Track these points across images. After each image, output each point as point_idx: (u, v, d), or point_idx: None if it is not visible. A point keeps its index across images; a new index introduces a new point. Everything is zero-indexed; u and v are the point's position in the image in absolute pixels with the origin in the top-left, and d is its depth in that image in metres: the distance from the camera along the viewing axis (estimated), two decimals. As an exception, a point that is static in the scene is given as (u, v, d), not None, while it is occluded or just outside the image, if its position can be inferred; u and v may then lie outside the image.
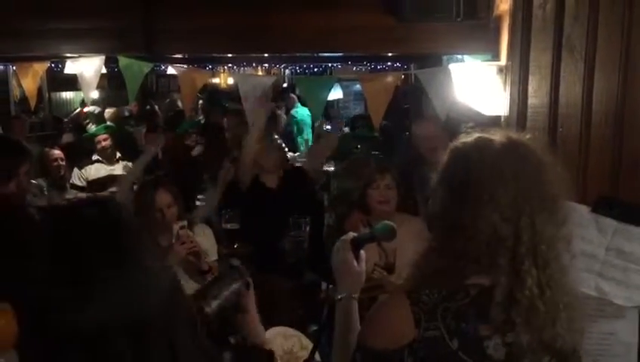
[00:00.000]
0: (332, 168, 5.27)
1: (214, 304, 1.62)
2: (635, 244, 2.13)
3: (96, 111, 7.26)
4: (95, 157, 5.24)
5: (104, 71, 4.08)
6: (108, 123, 6.05)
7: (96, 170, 5.18)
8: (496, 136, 1.39)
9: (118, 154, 5.36)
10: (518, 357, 1.31)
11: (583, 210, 2.17)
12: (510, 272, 1.30)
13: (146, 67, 4.02)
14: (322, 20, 3.29)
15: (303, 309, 3.11)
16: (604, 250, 2.16)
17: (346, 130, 6.78)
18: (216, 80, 11.02)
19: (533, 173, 1.33)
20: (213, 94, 8.27)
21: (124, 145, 5.62)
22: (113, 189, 4.93)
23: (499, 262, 1.30)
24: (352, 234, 1.72)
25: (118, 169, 5.25)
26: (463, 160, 1.38)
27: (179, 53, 4.22)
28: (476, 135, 1.42)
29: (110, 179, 5.09)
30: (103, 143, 5.25)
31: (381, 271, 3.02)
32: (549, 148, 1.39)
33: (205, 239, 3.36)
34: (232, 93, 7.13)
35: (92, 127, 6.13)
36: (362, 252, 1.67)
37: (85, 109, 6.70)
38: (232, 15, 3.35)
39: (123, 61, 3.86)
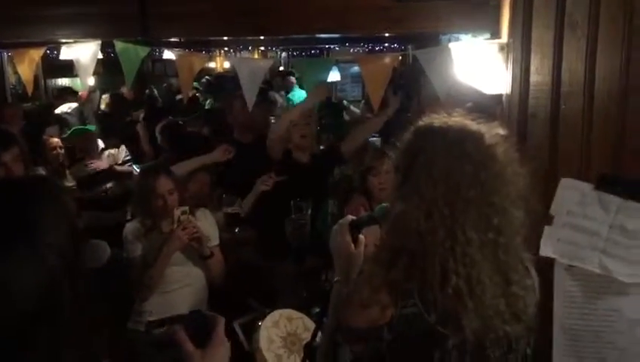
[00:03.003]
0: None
1: None
2: (638, 221, 2.13)
3: (70, 110, 6.56)
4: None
5: (100, 56, 4.02)
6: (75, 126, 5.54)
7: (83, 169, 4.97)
8: (452, 123, 1.40)
9: (102, 146, 5.12)
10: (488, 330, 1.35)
11: (586, 188, 2.16)
12: (440, 273, 1.32)
13: (143, 51, 3.97)
14: (319, 1, 3.26)
15: (307, 292, 3.13)
16: (607, 227, 2.16)
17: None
18: (212, 64, 10.95)
19: (474, 178, 1.33)
20: (217, 79, 8.15)
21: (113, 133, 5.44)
22: (109, 185, 4.78)
23: (428, 259, 1.32)
24: (350, 217, 1.72)
25: (103, 162, 5.04)
26: (408, 150, 1.42)
27: (176, 37, 4.18)
28: (432, 123, 1.43)
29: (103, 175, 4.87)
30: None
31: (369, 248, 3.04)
32: (511, 144, 1.38)
33: (207, 224, 3.36)
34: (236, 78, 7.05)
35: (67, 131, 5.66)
36: (361, 236, 1.68)
37: (57, 110, 6.08)
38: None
39: (119, 45, 3.81)
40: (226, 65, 10.98)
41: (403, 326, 1.34)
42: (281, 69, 9.95)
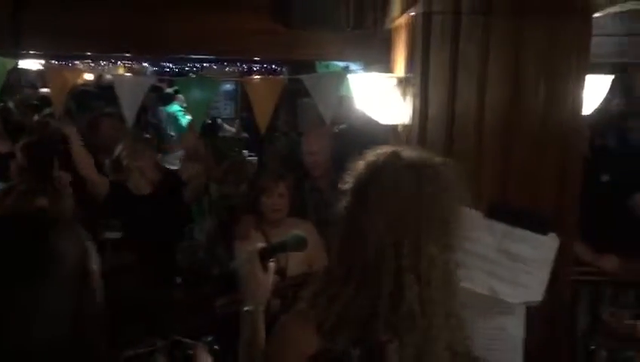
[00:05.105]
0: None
1: None
2: (520, 246, 2.33)
3: None
4: None
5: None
6: None
7: None
8: (408, 152, 1.44)
9: None
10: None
11: (476, 215, 2.33)
12: (393, 284, 1.33)
13: (10, 63, 3.67)
14: (211, 23, 3.23)
15: (197, 320, 3.04)
16: (495, 251, 2.33)
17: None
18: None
19: (435, 197, 1.37)
20: (82, 96, 7.61)
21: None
22: None
23: (382, 272, 1.34)
24: (260, 245, 1.72)
25: None
26: (367, 171, 1.43)
27: (55, 50, 3.93)
28: (391, 149, 1.45)
29: None
30: None
31: (275, 276, 3.04)
32: (457, 172, 1.43)
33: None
34: (103, 94, 6.63)
35: None
36: (271, 263, 1.68)
37: None
38: (114, 13, 3.18)
39: (-17, 58, 3.50)
40: (88, 77, 10.45)
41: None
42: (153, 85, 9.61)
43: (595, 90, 2.57)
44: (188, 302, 3.19)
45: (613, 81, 2.74)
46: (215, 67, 8.27)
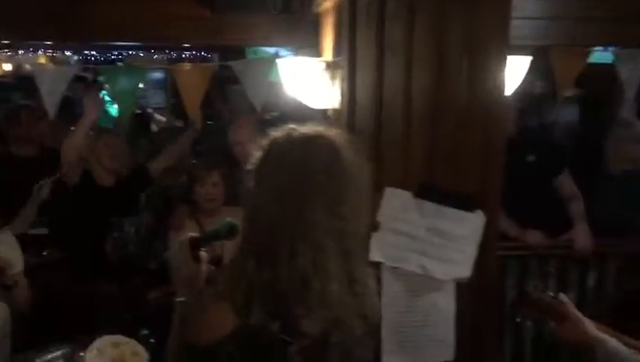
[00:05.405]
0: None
1: None
2: (449, 223, 2.39)
3: None
4: None
5: None
6: None
7: None
8: (304, 128, 1.46)
9: None
10: (330, 332, 1.40)
11: (406, 196, 2.37)
12: (288, 253, 1.35)
13: None
14: (136, 9, 3.13)
15: (132, 313, 2.98)
16: (425, 230, 2.38)
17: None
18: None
19: (322, 167, 1.39)
20: None
21: None
22: None
23: (277, 242, 1.36)
24: (190, 234, 1.69)
25: None
26: (264, 148, 1.46)
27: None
28: (288, 127, 1.47)
29: None
30: None
31: (208, 265, 3.02)
32: (357, 147, 1.47)
33: (8, 248, 3.01)
34: (21, 85, 6.30)
35: None
36: (202, 253, 1.66)
37: None
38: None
39: None
40: (6, 67, 10.00)
41: (245, 338, 1.34)
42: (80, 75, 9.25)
43: (515, 71, 2.66)
44: (121, 296, 3.11)
45: (536, 63, 2.84)
46: (142, 55, 8.03)
